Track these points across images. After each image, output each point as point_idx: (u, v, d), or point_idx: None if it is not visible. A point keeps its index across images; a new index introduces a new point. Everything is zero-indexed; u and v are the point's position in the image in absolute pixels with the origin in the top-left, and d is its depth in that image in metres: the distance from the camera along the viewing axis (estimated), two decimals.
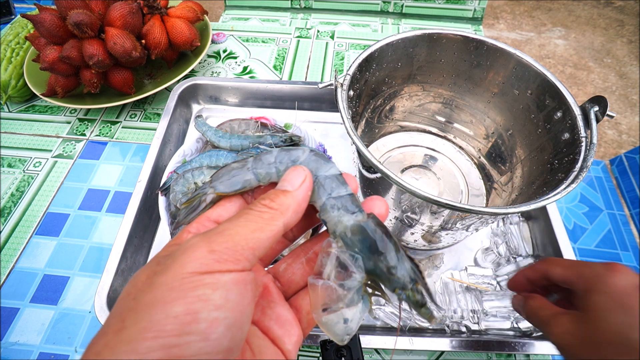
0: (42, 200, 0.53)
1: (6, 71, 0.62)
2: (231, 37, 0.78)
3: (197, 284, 0.14)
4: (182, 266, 0.14)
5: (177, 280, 0.14)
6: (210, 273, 0.14)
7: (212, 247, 0.15)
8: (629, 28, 1.97)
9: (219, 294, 0.14)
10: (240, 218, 0.17)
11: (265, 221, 0.17)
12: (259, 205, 0.18)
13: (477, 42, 0.46)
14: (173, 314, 0.13)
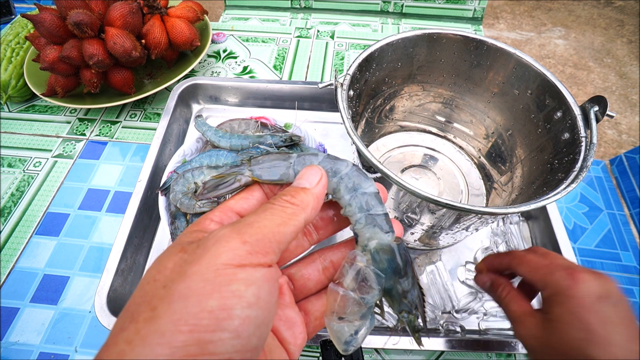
0: (42, 200, 0.53)
1: (6, 71, 0.62)
2: (231, 37, 0.78)
3: (231, 277, 0.14)
4: (216, 256, 0.15)
5: (210, 271, 0.14)
6: (243, 267, 0.15)
7: (244, 239, 0.15)
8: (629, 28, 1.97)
9: (251, 291, 0.14)
10: (265, 212, 0.17)
11: (288, 216, 0.17)
12: (281, 201, 0.18)
13: (477, 42, 0.46)
14: (209, 307, 0.13)
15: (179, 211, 0.46)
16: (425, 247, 0.48)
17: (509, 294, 0.30)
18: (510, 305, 0.29)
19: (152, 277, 0.15)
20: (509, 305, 0.29)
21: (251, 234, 0.16)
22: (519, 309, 0.28)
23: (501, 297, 0.30)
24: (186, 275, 0.14)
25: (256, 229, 0.16)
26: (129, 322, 0.14)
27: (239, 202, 0.20)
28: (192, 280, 0.14)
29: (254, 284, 0.15)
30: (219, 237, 0.15)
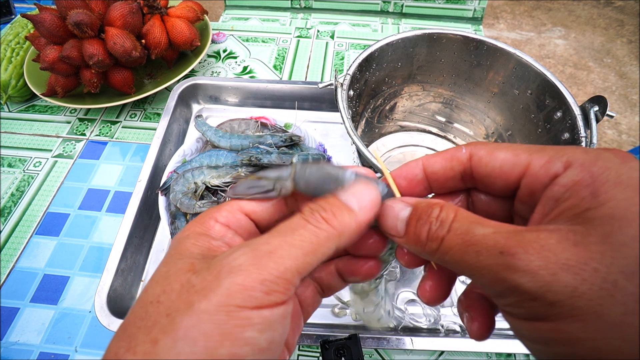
0: (42, 200, 0.53)
1: (6, 71, 0.62)
2: (231, 37, 0.78)
3: (245, 322, 0.13)
4: (229, 296, 0.13)
5: (222, 312, 0.13)
6: (259, 309, 0.13)
7: (264, 276, 0.13)
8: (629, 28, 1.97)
9: (265, 337, 0.13)
10: (294, 234, 0.15)
11: (320, 242, 0.15)
12: (317, 218, 0.15)
13: (477, 42, 0.46)
14: (218, 356, 0.12)
15: (179, 211, 0.46)
16: None
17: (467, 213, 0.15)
18: (481, 229, 0.14)
19: (155, 297, 0.14)
20: (476, 228, 0.14)
21: (271, 269, 0.14)
22: (504, 229, 0.14)
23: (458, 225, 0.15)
24: (193, 311, 0.13)
25: (278, 262, 0.14)
26: (125, 351, 0.13)
27: (251, 202, 0.18)
28: (201, 320, 0.13)
29: (269, 328, 0.13)
30: (233, 269, 0.13)
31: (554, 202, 0.14)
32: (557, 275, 0.12)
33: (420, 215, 0.16)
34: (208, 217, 0.17)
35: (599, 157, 0.13)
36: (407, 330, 0.42)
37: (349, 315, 0.43)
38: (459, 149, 0.17)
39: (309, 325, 0.43)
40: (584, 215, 0.13)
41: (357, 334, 0.34)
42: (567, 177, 0.14)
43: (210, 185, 0.47)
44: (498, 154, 0.16)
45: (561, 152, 0.14)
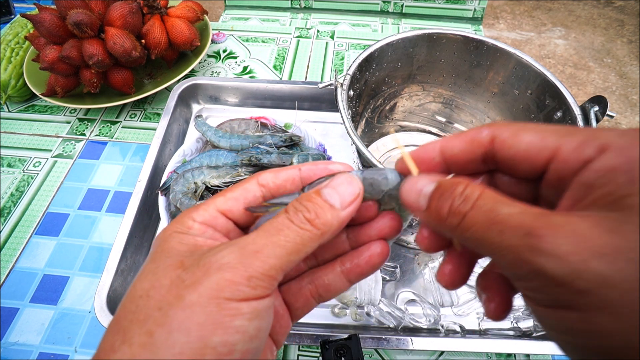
0: (42, 200, 0.53)
1: (6, 71, 0.62)
2: (231, 37, 0.78)
3: (234, 312, 0.14)
4: (218, 289, 0.14)
5: (213, 304, 0.14)
6: (247, 301, 0.14)
7: (250, 273, 0.14)
8: (629, 28, 1.97)
9: (254, 325, 0.14)
10: (279, 234, 0.15)
11: (303, 242, 0.16)
12: (299, 219, 0.16)
13: (477, 42, 0.46)
14: (212, 344, 0.13)
15: (178, 211, 0.46)
16: None
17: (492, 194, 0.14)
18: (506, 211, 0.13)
19: (144, 291, 0.14)
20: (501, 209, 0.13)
21: (257, 267, 0.14)
22: (531, 212, 0.13)
23: (484, 207, 0.14)
24: (185, 304, 0.13)
25: (264, 261, 0.15)
26: (121, 343, 0.13)
27: (227, 201, 0.18)
28: (193, 311, 0.13)
29: (257, 317, 0.14)
30: (222, 266, 0.14)
31: (587, 189, 0.13)
32: (588, 262, 0.11)
33: (443, 190, 0.15)
34: (186, 217, 0.17)
35: (636, 140, 0.12)
36: (407, 330, 0.42)
37: (349, 315, 0.43)
38: (480, 130, 0.16)
39: (309, 325, 0.43)
40: (620, 202, 0.12)
41: (357, 334, 0.34)
42: (602, 162, 0.13)
43: (210, 185, 0.47)
44: (523, 136, 0.15)
45: (594, 135, 0.13)
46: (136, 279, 0.15)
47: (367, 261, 0.19)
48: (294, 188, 0.19)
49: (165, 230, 0.17)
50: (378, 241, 0.19)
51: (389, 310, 0.43)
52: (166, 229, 0.17)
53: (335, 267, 0.19)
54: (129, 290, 0.15)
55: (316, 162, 0.19)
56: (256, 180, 0.18)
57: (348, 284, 0.19)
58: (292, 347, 0.43)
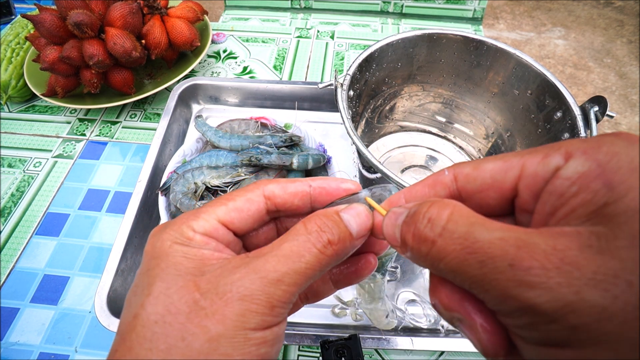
0: (42, 200, 0.53)
1: (6, 71, 0.62)
2: (231, 37, 0.78)
3: (260, 341, 0.14)
4: (244, 322, 0.14)
5: (240, 336, 0.14)
6: (270, 328, 0.15)
7: (273, 304, 0.14)
8: (629, 28, 1.97)
9: (275, 349, 0.15)
10: (301, 260, 0.15)
11: (321, 266, 0.15)
12: (324, 241, 0.15)
13: (477, 42, 0.46)
14: None
15: (179, 211, 0.46)
16: None
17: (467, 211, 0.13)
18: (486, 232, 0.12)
19: (160, 316, 0.14)
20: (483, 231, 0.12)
21: (280, 297, 0.14)
22: (513, 232, 0.12)
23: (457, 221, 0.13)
24: (211, 336, 0.13)
25: (286, 290, 0.15)
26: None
27: (230, 212, 0.17)
28: (220, 344, 0.13)
29: (278, 341, 0.15)
30: (244, 297, 0.14)
31: (558, 198, 0.12)
32: (581, 293, 0.10)
33: (410, 216, 0.14)
34: (184, 226, 0.16)
35: (602, 142, 0.12)
36: (407, 330, 0.42)
37: (349, 315, 0.43)
38: (442, 172, 0.16)
39: (309, 325, 0.43)
40: (602, 211, 0.11)
41: (357, 334, 0.34)
42: (571, 168, 0.12)
43: (210, 186, 0.47)
44: (485, 166, 0.14)
45: (557, 146, 0.13)
46: (146, 299, 0.14)
47: (354, 272, 0.19)
48: (301, 204, 0.18)
49: (162, 239, 0.16)
50: (368, 254, 0.19)
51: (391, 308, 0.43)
52: (163, 238, 0.16)
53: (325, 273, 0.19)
54: (138, 312, 0.14)
55: (327, 179, 0.19)
56: (261, 191, 0.17)
57: (334, 289, 0.19)
58: (292, 347, 0.43)
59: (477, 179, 0.14)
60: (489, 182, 0.14)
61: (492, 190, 0.14)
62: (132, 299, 0.15)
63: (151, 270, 0.15)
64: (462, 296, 0.13)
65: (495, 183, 0.14)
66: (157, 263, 0.15)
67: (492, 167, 0.14)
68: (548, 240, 0.11)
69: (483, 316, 0.13)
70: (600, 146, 0.12)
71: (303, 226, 0.16)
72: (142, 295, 0.14)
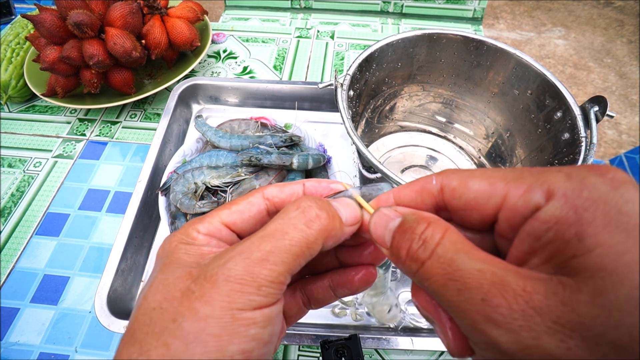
0: (42, 200, 0.53)
1: (6, 71, 0.62)
2: (231, 37, 0.78)
3: (249, 322, 0.14)
4: (231, 302, 0.14)
5: (227, 316, 0.14)
6: (260, 309, 0.14)
7: (259, 283, 0.14)
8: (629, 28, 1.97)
9: (268, 332, 0.15)
10: (285, 237, 0.15)
11: (309, 243, 0.15)
12: (307, 217, 0.16)
13: (477, 42, 0.46)
14: (229, 353, 0.13)
15: (179, 211, 0.46)
16: None
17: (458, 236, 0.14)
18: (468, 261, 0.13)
19: (157, 303, 0.14)
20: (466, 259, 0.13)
21: (266, 276, 0.14)
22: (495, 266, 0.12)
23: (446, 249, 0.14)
24: (199, 316, 0.14)
25: (272, 269, 0.14)
26: (138, 355, 0.13)
27: (232, 214, 0.17)
28: (208, 323, 0.14)
29: (270, 323, 0.15)
30: (230, 278, 0.14)
31: (535, 241, 0.12)
32: (539, 339, 0.11)
33: (405, 228, 0.14)
34: (190, 228, 0.17)
35: (584, 184, 0.12)
36: (407, 330, 0.42)
37: (349, 315, 0.43)
38: (429, 179, 0.16)
39: (309, 325, 0.43)
40: (570, 263, 0.11)
41: (357, 334, 0.34)
42: (549, 211, 0.12)
43: (211, 186, 0.47)
44: (471, 183, 0.14)
45: (542, 179, 0.13)
46: (147, 291, 0.15)
47: (354, 283, 0.19)
48: None
49: (170, 241, 0.17)
50: (367, 266, 0.19)
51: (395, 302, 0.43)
52: (171, 240, 0.17)
53: (325, 281, 0.19)
54: (141, 303, 0.15)
55: (320, 180, 0.19)
56: (261, 194, 0.18)
57: (335, 298, 0.20)
58: (292, 347, 0.43)
59: (461, 197, 0.15)
60: (472, 203, 0.14)
61: (475, 211, 0.14)
62: (140, 297, 0.16)
63: (156, 268, 0.16)
64: (437, 303, 0.15)
65: (478, 206, 0.14)
66: (162, 262, 0.16)
67: (477, 187, 0.14)
68: (519, 281, 0.11)
69: (452, 324, 0.14)
70: (581, 189, 0.12)
71: (289, 206, 0.16)
72: (145, 289, 0.16)
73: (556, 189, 0.12)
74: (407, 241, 0.14)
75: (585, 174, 0.12)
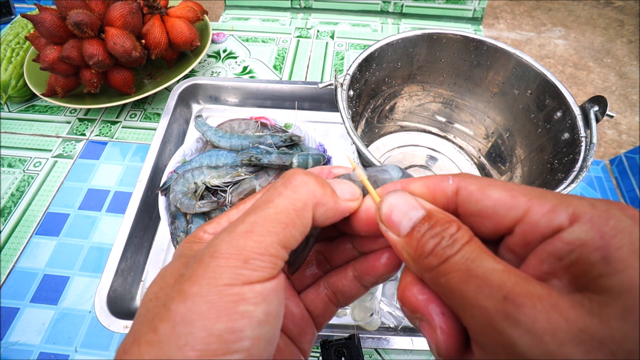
0: (42, 200, 0.53)
1: (6, 71, 0.62)
2: (231, 37, 0.78)
3: (237, 298, 0.13)
4: (216, 277, 0.13)
5: (213, 292, 0.13)
6: (250, 284, 0.14)
7: (245, 255, 0.14)
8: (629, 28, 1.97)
9: (261, 309, 0.14)
10: (269, 205, 0.14)
11: (297, 210, 0.14)
12: (293, 184, 0.15)
13: (477, 42, 0.46)
14: (216, 332, 0.13)
15: (179, 211, 0.46)
16: None
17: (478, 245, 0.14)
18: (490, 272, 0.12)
19: (154, 294, 0.14)
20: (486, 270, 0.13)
21: (252, 248, 0.14)
22: (518, 278, 0.12)
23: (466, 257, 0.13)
24: (186, 296, 0.13)
25: (258, 240, 0.14)
26: (131, 344, 0.13)
27: (239, 213, 0.17)
28: (195, 302, 0.13)
29: (264, 301, 0.14)
30: (214, 253, 0.14)
31: (556, 261, 0.12)
32: (564, 347, 0.10)
33: (434, 224, 0.14)
34: (199, 230, 0.17)
35: (609, 214, 0.12)
36: (407, 330, 0.42)
37: (349, 315, 0.43)
38: (445, 178, 0.15)
39: None
40: (596, 282, 0.11)
41: (357, 334, 0.34)
42: (574, 233, 0.12)
43: (210, 186, 0.47)
44: (491, 192, 0.14)
45: (566, 202, 0.13)
46: (149, 286, 0.15)
47: (378, 268, 0.18)
48: None
49: (180, 244, 0.17)
50: (389, 249, 0.18)
51: (389, 310, 0.43)
52: (184, 241, 0.17)
53: (349, 272, 0.18)
54: (143, 298, 0.15)
55: (322, 167, 0.19)
56: None
57: (363, 288, 0.19)
58: None
59: (478, 202, 0.14)
60: (490, 211, 0.14)
61: (489, 220, 0.14)
62: None
63: None
64: (429, 297, 0.14)
65: (495, 216, 0.14)
66: None
67: (497, 196, 0.14)
68: (544, 288, 0.11)
69: (444, 319, 0.14)
70: (607, 219, 0.12)
71: (279, 179, 0.16)
72: None
73: (582, 214, 0.12)
74: (437, 237, 0.13)
75: (608, 206, 0.12)
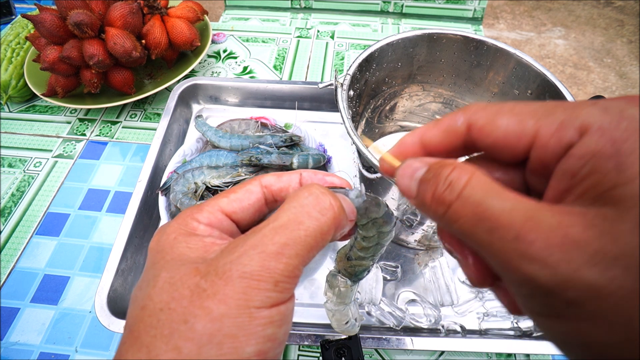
0: (42, 200, 0.53)
1: (6, 71, 0.62)
2: (231, 37, 0.78)
3: (266, 321, 0.13)
4: (247, 299, 0.13)
5: (244, 315, 0.13)
6: (276, 306, 0.14)
7: (276, 279, 0.14)
8: (629, 28, 1.97)
9: (283, 330, 0.14)
10: (299, 227, 0.15)
11: (322, 232, 0.15)
12: (321, 205, 0.15)
13: (477, 42, 0.46)
14: (246, 355, 0.13)
15: (179, 211, 0.46)
16: (425, 248, 0.48)
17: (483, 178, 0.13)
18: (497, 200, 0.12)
19: (165, 304, 0.14)
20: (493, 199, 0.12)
21: (282, 271, 0.14)
22: (525, 204, 0.12)
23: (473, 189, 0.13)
24: (213, 316, 0.13)
25: (288, 263, 0.14)
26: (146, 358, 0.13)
27: (231, 203, 0.17)
28: (224, 324, 0.13)
29: (286, 322, 0.14)
30: (245, 274, 0.13)
31: (571, 178, 0.12)
32: (579, 271, 0.10)
33: (431, 174, 0.14)
34: (189, 217, 0.16)
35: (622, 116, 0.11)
36: (407, 330, 0.42)
37: None
38: (455, 118, 0.15)
39: (309, 325, 0.43)
40: (610, 194, 0.10)
41: (357, 334, 0.34)
42: (584, 146, 0.11)
43: (211, 186, 0.47)
44: (500, 121, 0.13)
45: (574, 114, 0.12)
46: (152, 291, 0.14)
47: None
48: None
49: (166, 232, 0.16)
50: None
51: (389, 310, 0.43)
52: (167, 232, 0.16)
53: None
54: (145, 303, 0.14)
55: (316, 172, 0.19)
56: (259, 181, 0.18)
57: None
58: (292, 347, 0.43)
59: (489, 135, 0.14)
60: (502, 142, 0.14)
61: (505, 149, 0.14)
62: (138, 294, 0.15)
63: (156, 263, 0.15)
64: (461, 240, 0.15)
65: (508, 145, 0.14)
66: (162, 256, 0.15)
67: (506, 125, 0.13)
68: (554, 216, 0.11)
69: (473, 257, 0.14)
70: (619, 122, 0.11)
71: (300, 192, 0.16)
72: (147, 288, 0.15)
73: (590, 124, 0.12)
74: (432, 185, 0.13)
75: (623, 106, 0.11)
